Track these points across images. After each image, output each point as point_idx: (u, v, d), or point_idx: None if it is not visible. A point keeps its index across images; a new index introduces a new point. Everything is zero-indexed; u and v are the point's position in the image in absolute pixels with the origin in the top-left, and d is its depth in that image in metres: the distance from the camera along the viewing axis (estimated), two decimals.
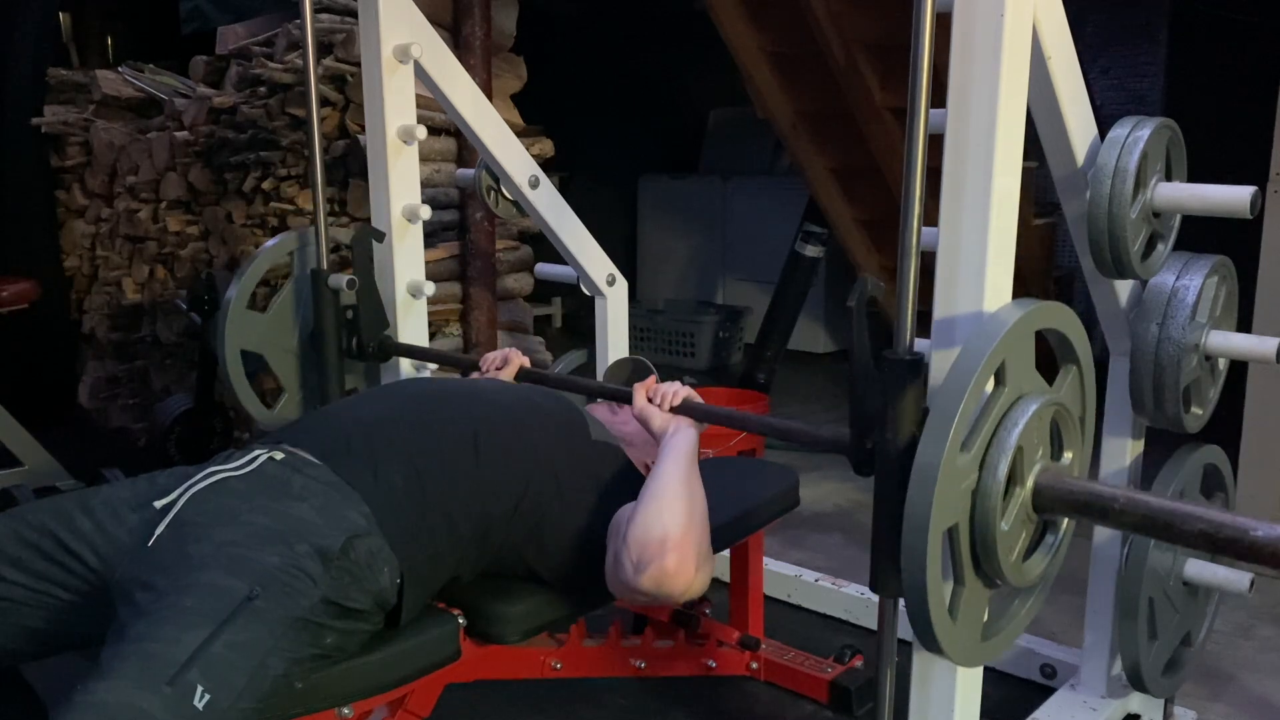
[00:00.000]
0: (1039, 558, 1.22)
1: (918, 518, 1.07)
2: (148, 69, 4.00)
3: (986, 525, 1.13)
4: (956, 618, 1.16)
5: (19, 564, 1.27)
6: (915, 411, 1.18)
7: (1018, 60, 1.22)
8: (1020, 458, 1.14)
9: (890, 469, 1.18)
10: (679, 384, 1.63)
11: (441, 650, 1.44)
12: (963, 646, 1.18)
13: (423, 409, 1.51)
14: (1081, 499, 1.15)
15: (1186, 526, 1.04)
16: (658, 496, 1.41)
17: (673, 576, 1.34)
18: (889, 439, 1.18)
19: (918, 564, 1.08)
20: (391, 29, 2.03)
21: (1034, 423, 1.14)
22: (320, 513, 1.29)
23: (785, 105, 3.74)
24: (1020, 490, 1.15)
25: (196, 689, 1.07)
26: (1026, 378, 1.17)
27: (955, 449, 1.08)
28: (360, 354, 2.12)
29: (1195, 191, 1.52)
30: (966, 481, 1.11)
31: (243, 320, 2.15)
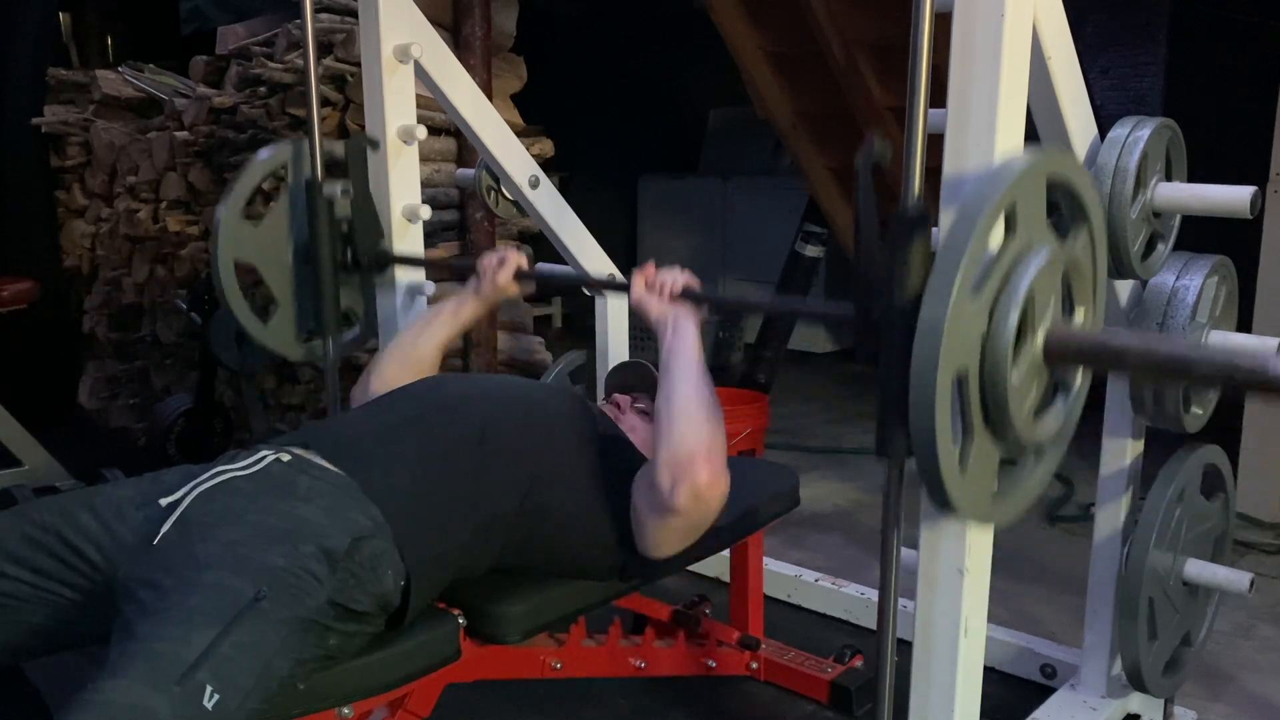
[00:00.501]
0: (1052, 415, 1.17)
1: (926, 361, 1.03)
2: (148, 69, 4.01)
3: (997, 374, 1.08)
4: (966, 470, 1.11)
5: (23, 561, 1.27)
6: (922, 267, 1.13)
7: (1018, 60, 1.22)
8: (1031, 306, 1.08)
9: (896, 328, 1.13)
10: (677, 270, 1.59)
11: (441, 650, 1.44)
12: (973, 501, 1.13)
13: (429, 410, 1.51)
14: (1094, 347, 1.11)
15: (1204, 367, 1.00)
16: (679, 415, 1.44)
17: (708, 489, 1.40)
18: (895, 295, 1.14)
19: (926, 409, 1.03)
20: (391, 29, 2.03)
21: (1046, 272, 1.09)
22: (326, 514, 1.29)
23: (785, 105, 3.74)
24: (1031, 341, 1.10)
25: (205, 689, 1.07)
26: (1038, 228, 1.12)
27: (965, 290, 1.03)
28: (356, 266, 2.07)
29: (1195, 191, 1.52)
30: (976, 327, 1.06)
31: (236, 230, 2.07)
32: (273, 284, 2.13)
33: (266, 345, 2.17)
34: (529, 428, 1.54)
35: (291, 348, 2.18)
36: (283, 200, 2.13)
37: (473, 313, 1.85)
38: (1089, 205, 1.19)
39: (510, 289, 1.83)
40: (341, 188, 2.02)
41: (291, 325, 2.16)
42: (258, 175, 2.11)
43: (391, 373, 1.78)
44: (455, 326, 1.84)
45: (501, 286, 1.82)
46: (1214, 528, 1.85)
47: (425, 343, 1.81)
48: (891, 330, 1.15)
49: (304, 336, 2.17)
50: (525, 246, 3.26)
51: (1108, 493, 1.84)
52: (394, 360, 1.80)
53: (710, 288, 1.53)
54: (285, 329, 2.16)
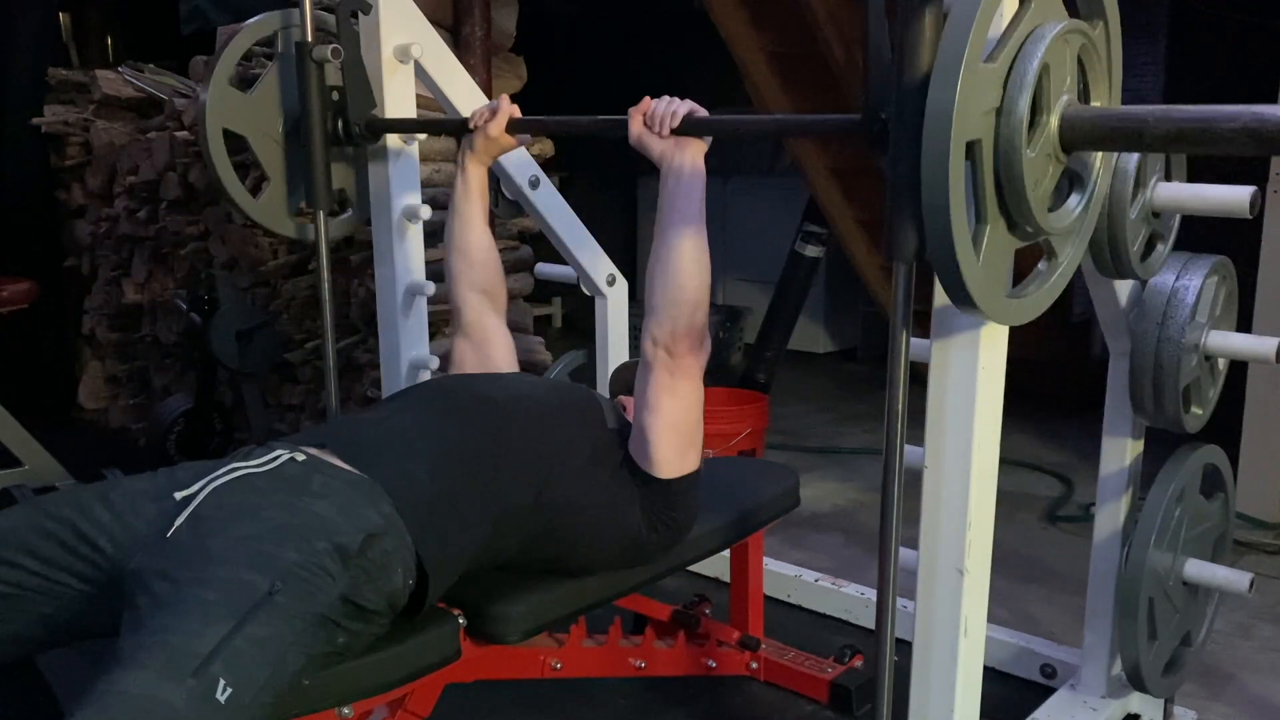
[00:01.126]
0: (1067, 209, 1.15)
1: (938, 133, 0.97)
2: (148, 69, 4.00)
3: (1011, 149, 1.03)
4: (981, 255, 1.06)
5: (36, 552, 1.27)
6: (933, 45, 1.06)
7: None
8: (1046, 77, 1.04)
9: (906, 111, 1.07)
10: (677, 101, 1.53)
11: (441, 650, 1.44)
12: (989, 294, 1.09)
13: (444, 408, 1.52)
14: (1111, 124, 1.06)
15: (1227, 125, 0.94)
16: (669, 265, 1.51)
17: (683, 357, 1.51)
18: (905, 76, 1.08)
19: (939, 183, 0.98)
20: (391, 29, 2.03)
21: (1061, 45, 1.05)
22: (340, 510, 1.29)
23: (785, 105, 3.74)
24: (1047, 119, 1.06)
25: (219, 682, 1.07)
26: (1053, 5, 1.08)
27: (977, 54, 0.99)
28: (348, 137, 2.02)
29: (1195, 191, 1.52)
30: (989, 97, 1.02)
31: (225, 98, 2.03)
32: (263, 157, 2.09)
33: (258, 221, 2.13)
34: (543, 423, 1.54)
35: (283, 224, 2.14)
36: (272, 70, 2.09)
37: (477, 178, 1.84)
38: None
39: (505, 140, 1.79)
40: (331, 49, 1.96)
41: (283, 201, 2.12)
42: (247, 40, 2.06)
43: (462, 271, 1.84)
44: (475, 197, 1.84)
45: (495, 138, 1.78)
46: (1214, 528, 1.85)
47: (465, 231, 1.83)
48: (901, 119, 1.09)
49: (295, 213, 2.13)
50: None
51: (1108, 493, 1.84)
52: (458, 261, 1.84)
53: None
54: (277, 204, 2.12)
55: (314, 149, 2.03)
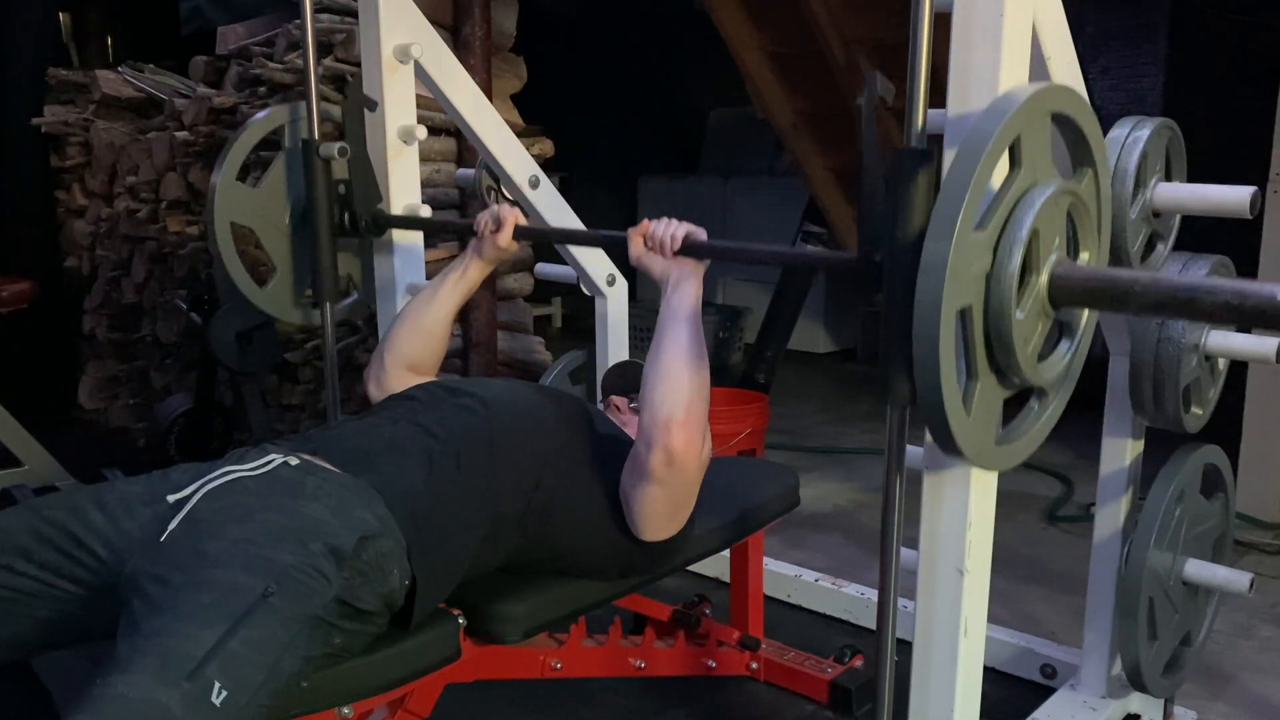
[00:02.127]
0: (1056, 357, 1.17)
1: (930, 298, 1.02)
2: (148, 69, 4.01)
3: (1001, 312, 1.06)
4: (970, 411, 1.10)
5: (31, 556, 1.27)
6: (926, 203, 1.11)
7: (1017, 60, 1.22)
8: (1036, 242, 1.07)
9: (900, 266, 1.11)
10: (676, 223, 1.54)
11: (441, 650, 1.44)
12: (979, 445, 1.12)
13: (436, 416, 1.51)
14: (1099, 285, 1.08)
15: (1210, 299, 0.97)
16: (661, 378, 1.44)
17: (682, 453, 1.41)
18: (899, 233, 1.12)
19: (930, 348, 1.02)
20: (391, 29, 2.03)
21: (1050, 208, 1.08)
22: (333, 513, 1.29)
23: (785, 105, 3.75)
24: (1036, 279, 1.09)
25: (214, 685, 1.07)
26: (1042, 163, 1.11)
27: (969, 225, 1.02)
28: (354, 228, 2.04)
29: (1195, 191, 1.52)
30: (980, 263, 1.05)
31: (233, 192, 2.06)
32: (270, 248, 2.12)
33: (264, 310, 2.15)
34: (534, 430, 1.54)
35: (289, 312, 2.16)
36: (279, 163, 2.11)
37: (477, 275, 1.83)
38: (1094, 144, 1.18)
39: (511, 247, 1.80)
40: (339, 148, 1.99)
41: (289, 290, 2.14)
42: (254, 136, 2.09)
43: (405, 345, 1.78)
44: (462, 291, 1.82)
45: (502, 246, 1.79)
46: (1214, 528, 1.85)
47: (435, 312, 1.80)
48: (895, 269, 1.13)
49: (301, 301, 2.14)
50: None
51: (1108, 493, 1.84)
52: (406, 332, 1.79)
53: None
54: (283, 294, 2.14)
55: (320, 241, 2.05)
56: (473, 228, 1.82)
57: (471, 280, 1.82)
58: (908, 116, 1.16)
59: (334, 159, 2.00)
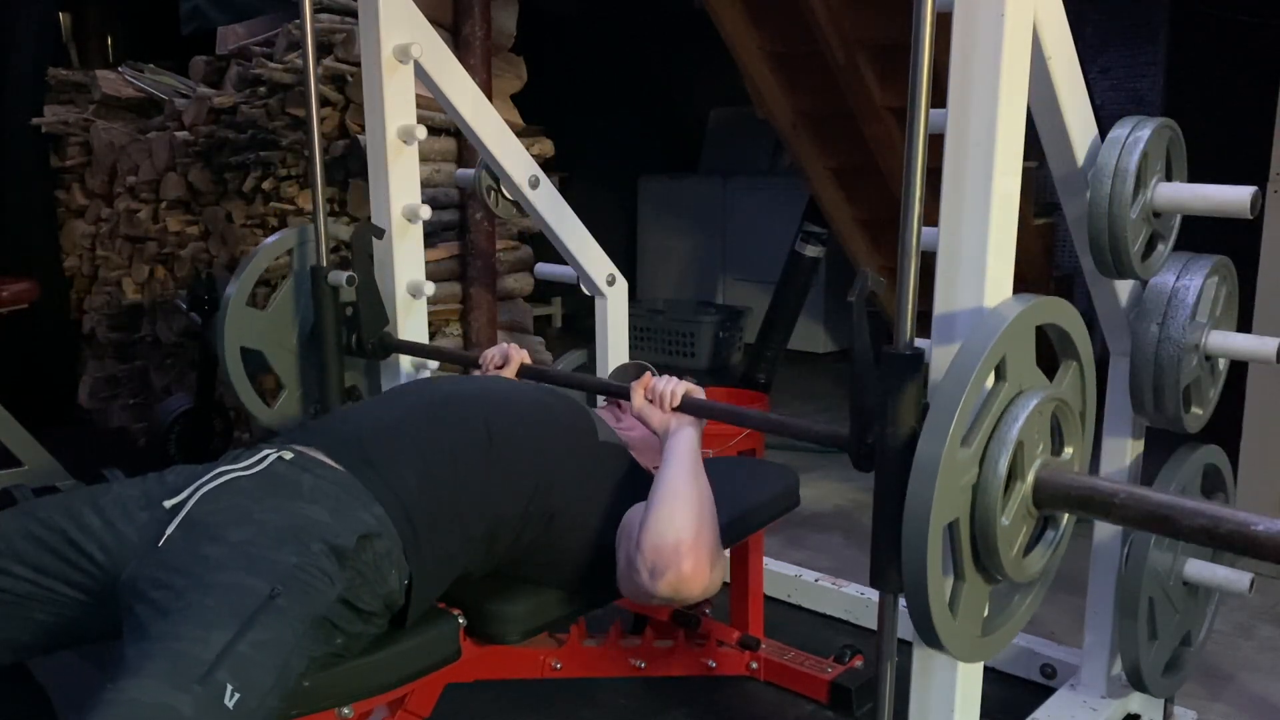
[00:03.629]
0: (1039, 553, 1.22)
1: (918, 512, 1.07)
2: (148, 69, 4.00)
3: (987, 521, 1.12)
4: (957, 613, 1.16)
5: (28, 560, 1.27)
6: (915, 407, 1.18)
7: (1018, 60, 1.22)
8: (1021, 453, 1.13)
9: (890, 464, 1.18)
10: (676, 381, 1.62)
11: (441, 650, 1.44)
12: (963, 642, 1.18)
13: (435, 411, 1.51)
14: (1082, 494, 1.15)
15: (1187, 522, 1.04)
16: (667, 501, 1.42)
17: (689, 580, 1.37)
18: (889, 434, 1.18)
19: (918, 559, 1.08)
20: (391, 29, 2.03)
21: (1034, 418, 1.14)
22: (332, 513, 1.29)
23: (785, 105, 3.74)
24: (1021, 485, 1.15)
25: (226, 688, 1.07)
26: (1027, 373, 1.17)
27: (956, 444, 1.08)
28: (360, 351, 2.12)
29: (1195, 191, 1.52)
30: (967, 476, 1.11)
31: (242, 317, 2.14)
32: (279, 368, 2.20)
33: (271, 428, 2.23)
34: (534, 432, 1.54)
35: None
36: (288, 285, 2.19)
37: None
38: (1079, 343, 1.24)
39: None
40: (347, 278, 2.07)
41: (297, 406, 2.23)
42: (264, 262, 2.18)
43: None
44: None
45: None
46: None
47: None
48: (885, 465, 1.19)
49: (310, 418, 2.21)
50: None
51: None
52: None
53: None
54: (291, 410, 2.22)
55: (328, 362, 2.12)
56: (478, 361, 1.88)
57: None
58: (909, 117, 1.16)
59: (342, 286, 2.08)
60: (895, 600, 1.25)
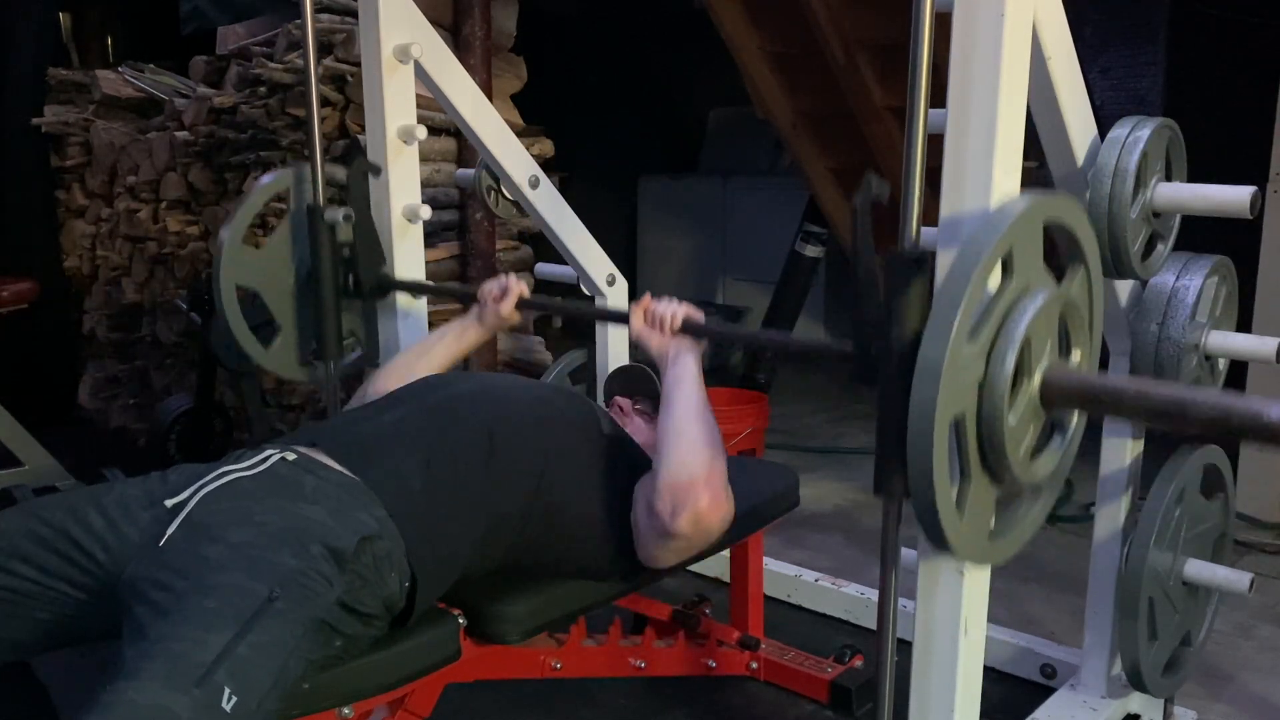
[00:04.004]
0: (1047, 456, 1.19)
1: (924, 407, 1.04)
2: (148, 69, 4.01)
3: (994, 418, 1.09)
4: (964, 513, 1.12)
5: (30, 559, 1.27)
6: (920, 308, 1.15)
7: (1018, 60, 1.22)
8: (1028, 350, 1.10)
9: (895, 368, 1.15)
10: (676, 303, 1.60)
11: (441, 650, 1.44)
12: (970, 543, 1.15)
13: (437, 411, 1.51)
14: (1091, 390, 1.12)
15: (1198, 413, 1.00)
16: (677, 438, 1.45)
17: (708, 514, 1.42)
18: (894, 338, 1.15)
19: (924, 455, 1.05)
20: (391, 29, 2.03)
21: (1042, 315, 1.11)
22: (332, 515, 1.29)
23: (785, 105, 3.74)
24: (1028, 384, 1.12)
25: (224, 690, 1.07)
26: (1035, 271, 1.13)
27: (961, 337, 1.05)
28: (358, 291, 2.08)
29: (1195, 191, 1.52)
30: (973, 372, 1.08)
31: (238, 255, 2.09)
32: (275, 309, 2.15)
33: (268, 369, 2.20)
34: (536, 428, 1.54)
35: (293, 370, 2.19)
36: (284, 225, 2.15)
37: (475, 340, 1.87)
38: (1086, 247, 1.21)
39: (513, 317, 1.84)
40: (343, 214, 2.03)
41: (294, 349, 2.18)
42: (259, 201, 2.13)
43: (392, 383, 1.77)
44: (457, 351, 1.85)
45: (504, 316, 1.83)
46: (1214, 528, 1.85)
47: (426, 365, 1.82)
48: (890, 370, 1.16)
49: (306, 359, 2.18)
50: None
51: (1108, 493, 1.84)
52: (394, 378, 1.79)
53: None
54: (287, 353, 2.18)
55: (325, 303, 2.08)
56: (477, 295, 1.86)
57: (468, 343, 1.86)
58: (909, 117, 1.16)
59: (339, 224, 2.04)
60: (899, 508, 1.21)
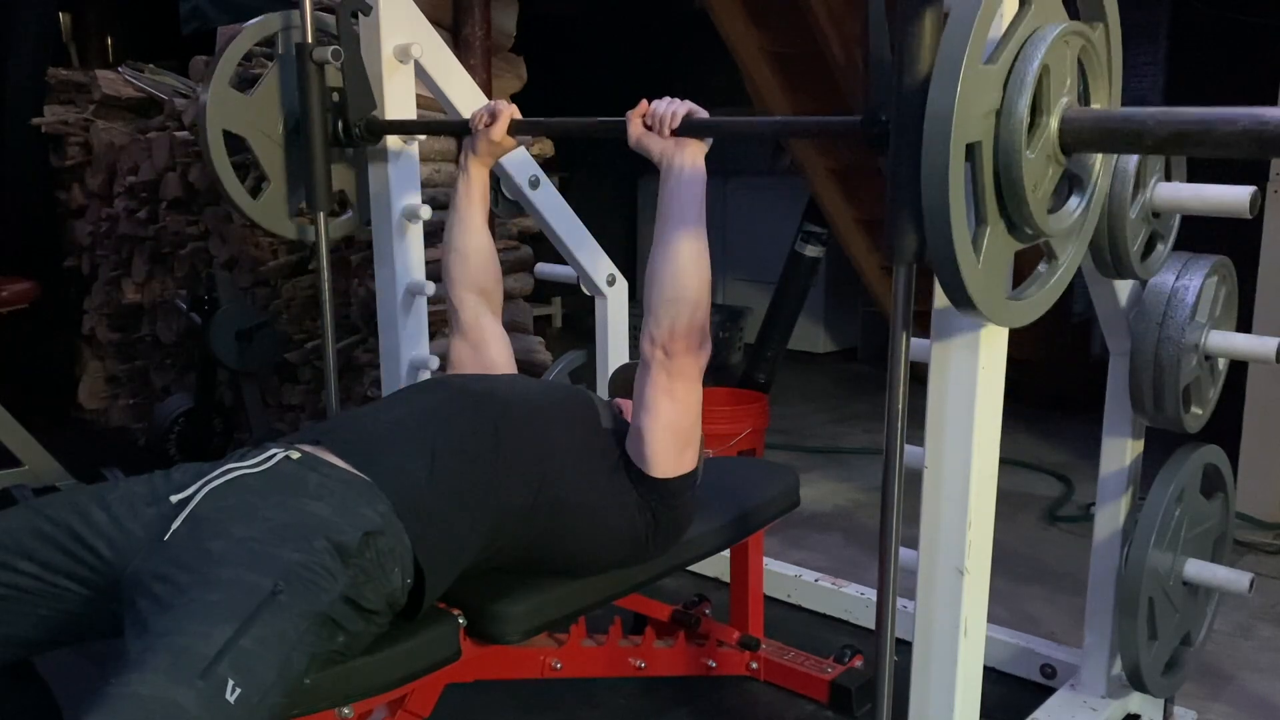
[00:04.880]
0: (1067, 210, 1.15)
1: (938, 134, 0.99)
2: (148, 69, 4.00)
3: (1011, 149, 1.04)
4: (981, 257, 1.07)
5: (34, 556, 1.27)
6: (932, 48, 1.06)
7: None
8: (1047, 80, 1.05)
9: (908, 117, 1.07)
10: (677, 101, 1.54)
11: (441, 650, 1.44)
12: (989, 296, 1.09)
13: (442, 408, 1.51)
14: (1111, 125, 1.06)
15: (1228, 128, 0.94)
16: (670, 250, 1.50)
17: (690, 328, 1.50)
18: (905, 78, 1.08)
19: (939, 184, 1.00)
20: (391, 29, 2.03)
21: (1061, 47, 1.06)
22: (337, 510, 1.29)
23: (785, 105, 3.74)
24: (1046, 120, 1.07)
25: (228, 683, 1.07)
26: (1051, 4, 1.09)
27: (976, 56, 1.00)
28: (348, 138, 2.03)
29: (1195, 191, 1.52)
30: (989, 99, 1.03)
31: (225, 99, 2.04)
32: (263, 158, 2.10)
33: (258, 222, 2.14)
34: (540, 424, 1.54)
35: (283, 225, 2.15)
36: (272, 71, 2.09)
37: (480, 175, 1.84)
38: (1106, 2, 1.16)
39: (507, 142, 1.80)
40: (332, 51, 1.96)
41: (283, 202, 2.13)
42: (247, 42, 2.07)
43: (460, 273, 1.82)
44: (476, 198, 1.83)
45: (496, 140, 1.78)
46: (1214, 528, 1.85)
47: (467, 232, 1.82)
48: (902, 123, 1.10)
49: (295, 212, 2.13)
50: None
51: (1108, 493, 1.84)
52: (456, 263, 1.83)
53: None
54: (277, 206, 2.13)
55: (314, 150, 2.03)
56: (468, 124, 1.81)
57: (477, 184, 1.84)
58: None
59: (328, 63, 1.98)
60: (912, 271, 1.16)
